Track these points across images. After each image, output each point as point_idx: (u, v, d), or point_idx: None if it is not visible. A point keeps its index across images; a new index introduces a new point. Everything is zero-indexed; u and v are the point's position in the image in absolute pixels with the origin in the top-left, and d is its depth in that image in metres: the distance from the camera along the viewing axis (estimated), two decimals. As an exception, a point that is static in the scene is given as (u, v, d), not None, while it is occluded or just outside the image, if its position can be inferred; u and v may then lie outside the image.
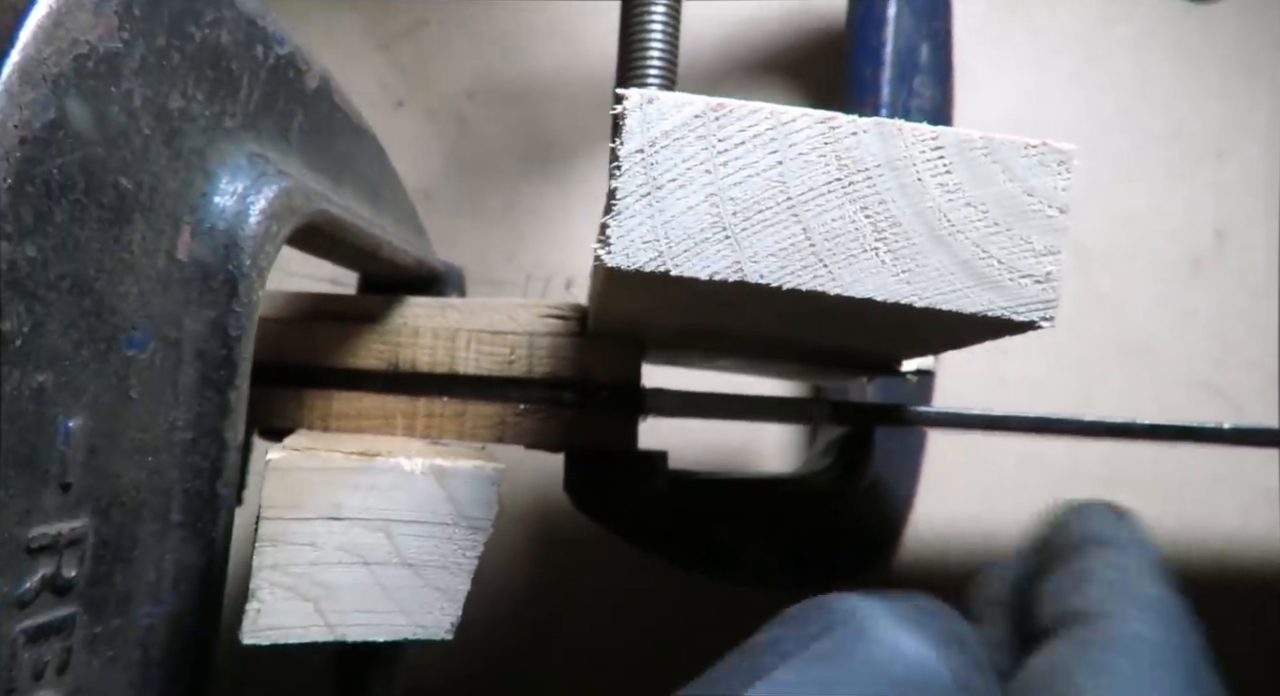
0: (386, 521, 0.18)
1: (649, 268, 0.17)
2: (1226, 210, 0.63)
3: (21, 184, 0.14)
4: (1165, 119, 0.64)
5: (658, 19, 0.35)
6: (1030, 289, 0.17)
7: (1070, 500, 0.31)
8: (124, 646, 0.17)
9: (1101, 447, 0.59)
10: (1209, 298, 0.61)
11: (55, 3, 0.15)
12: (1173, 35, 0.66)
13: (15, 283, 0.14)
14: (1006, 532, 0.59)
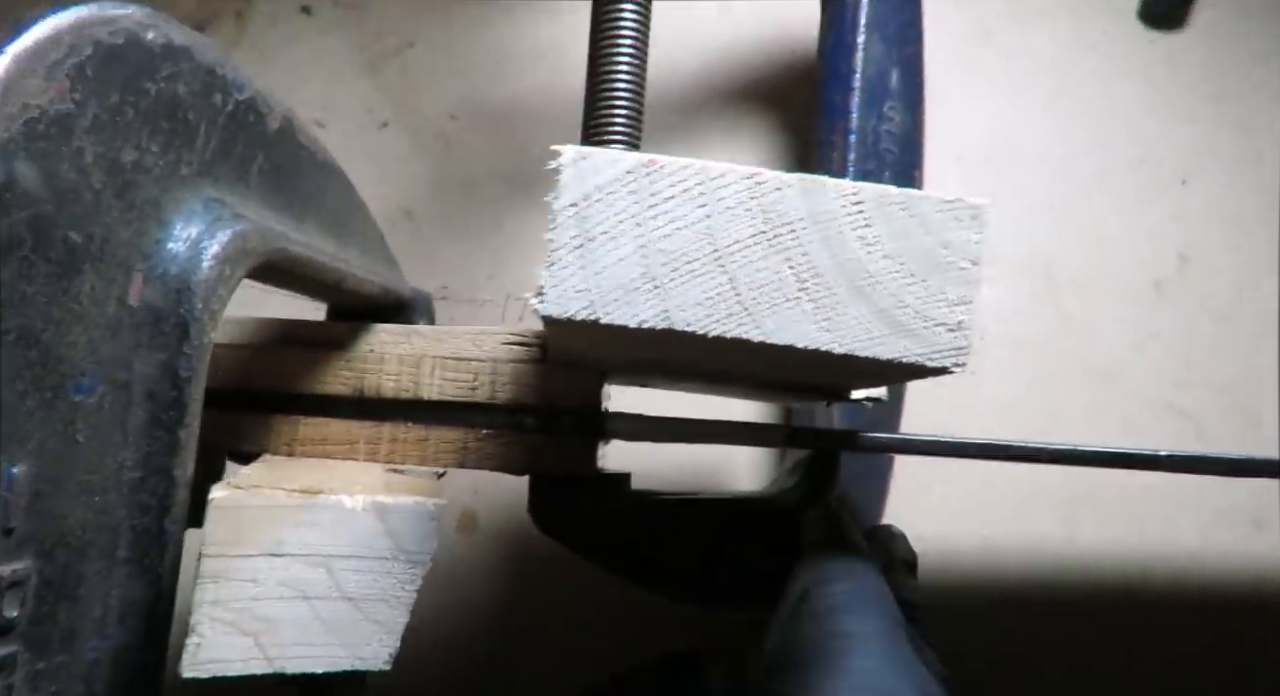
0: (327, 557, 0.19)
1: (580, 316, 0.18)
2: (1190, 234, 0.64)
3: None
4: (1132, 145, 0.65)
5: (623, 72, 0.36)
6: (944, 336, 0.18)
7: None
8: (68, 681, 0.18)
9: (1063, 474, 0.60)
10: (1172, 320, 0.62)
11: (5, 71, 0.15)
12: (1140, 64, 0.67)
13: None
14: (972, 549, 0.60)
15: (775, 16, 0.69)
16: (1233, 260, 0.63)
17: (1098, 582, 0.59)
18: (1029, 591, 0.60)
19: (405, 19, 0.71)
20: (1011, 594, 0.59)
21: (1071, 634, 0.59)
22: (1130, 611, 0.59)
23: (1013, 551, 0.60)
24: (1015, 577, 0.60)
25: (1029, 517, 0.60)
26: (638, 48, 0.36)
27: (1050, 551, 0.60)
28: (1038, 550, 0.60)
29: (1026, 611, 0.59)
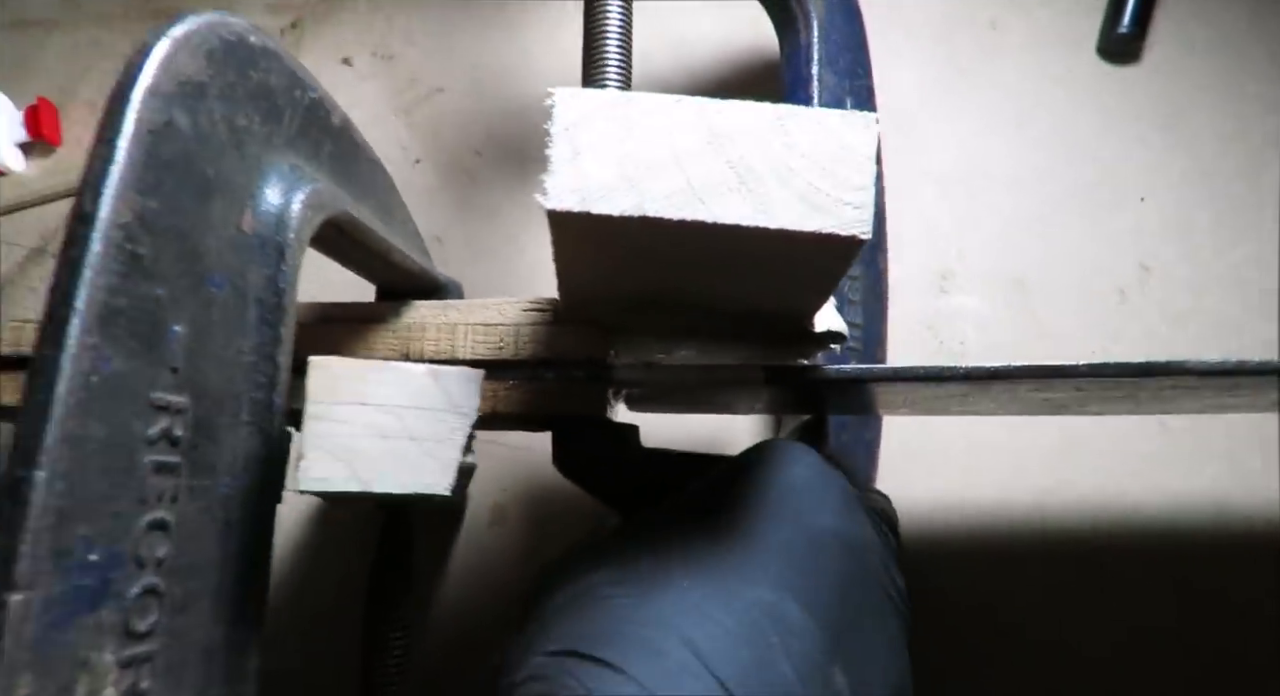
0: (397, 406, 0.24)
1: (575, 208, 0.24)
2: (1149, 246, 0.69)
3: (148, 159, 0.21)
4: (1093, 167, 0.72)
5: (612, 62, 0.42)
6: (850, 212, 0.24)
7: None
8: (210, 504, 0.24)
9: (1046, 438, 0.64)
10: (1135, 325, 0.67)
11: (167, 47, 0.22)
12: (1097, 94, 0.74)
13: (144, 222, 0.21)
14: (958, 513, 0.63)
15: (748, 37, 0.77)
16: (1188, 269, 0.68)
17: (1073, 542, 0.63)
18: (1010, 551, 0.63)
19: (434, 68, 0.79)
20: (993, 554, 0.63)
21: (1048, 589, 0.62)
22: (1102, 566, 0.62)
23: (993, 515, 0.64)
24: (997, 539, 0.63)
25: (1010, 488, 0.64)
26: (624, 43, 0.43)
27: (1030, 516, 0.63)
28: (1018, 515, 0.64)
29: (1006, 569, 0.62)
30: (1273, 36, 0.75)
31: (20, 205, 0.77)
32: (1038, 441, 0.64)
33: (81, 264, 0.19)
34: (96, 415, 0.19)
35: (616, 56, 0.44)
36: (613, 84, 0.44)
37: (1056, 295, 0.68)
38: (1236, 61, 0.74)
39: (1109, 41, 0.74)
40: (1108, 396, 0.39)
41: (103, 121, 0.20)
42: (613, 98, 0.24)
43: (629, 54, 0.45)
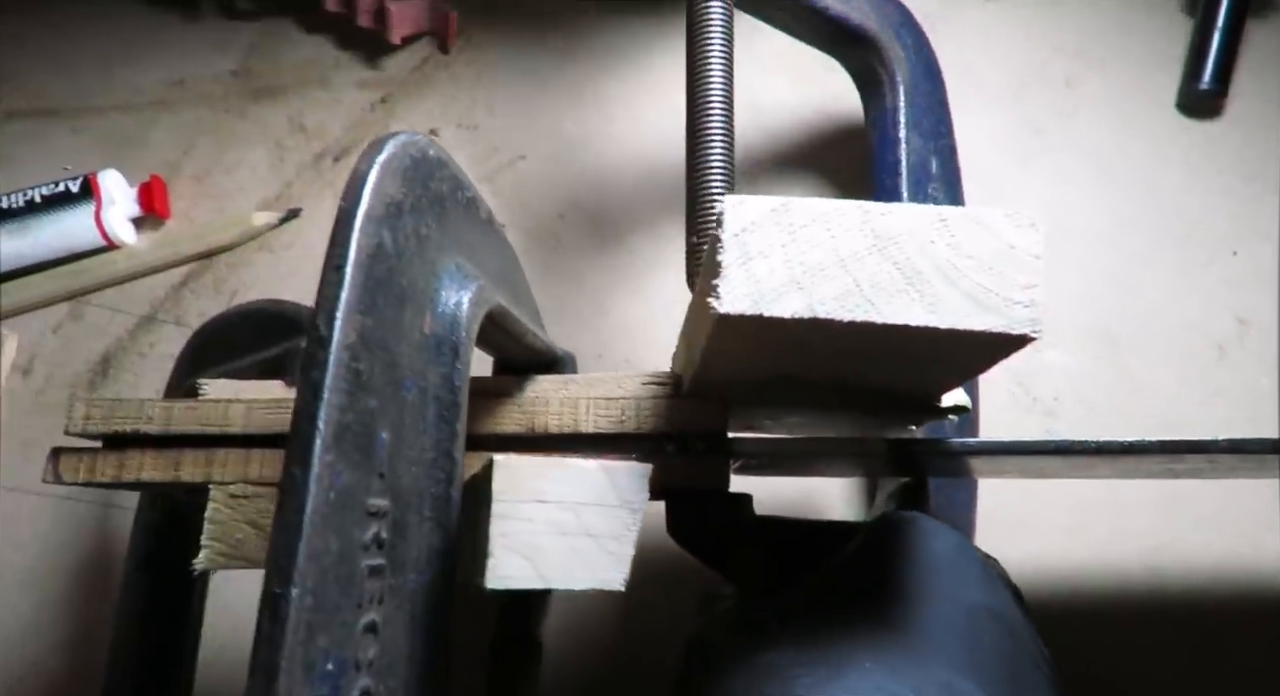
0: (574, 503, 0.25)
1: (748, 312, 0.24)
2: (1245, 300, 0.68)
3: (366, 280, 0.23)
4: (1178, 222, 0.71)
5: (717, 137, 0.44)
6: (1020, 311, 0.24)
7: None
8: (402, 601, 0.25)
9: (1147, 504, 0.62)
10: (1234, 380, 0.66)
11: (377, 174, 0.24)
12: (1180, 149, 0.73)
13: (363, 339, 0.22)
14: (1056, 586, 0.62)
15: (821, 101, 0.78)
16: None
17: (1182, 612, 0.61)
18: (1116, 620, 0.61)
19: (516, 136, 0.82)
20: (1098, 622, 0.61)
21: (1156, 659, 0.60)
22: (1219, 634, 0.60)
23: (1098, 582, 0.62)
24: (1102, 607, 0.62)
25: (1114, 551, 0.62)
26: (726, 117, 0.45)
27: (1137, 582, 0.62)
28: (1124, 581, 0.62)
29: (1113, 639, 0.60)
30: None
31: (132, 276, 0.81)
32: (1141, 497, 0.62)
33: (321, 386, 0.20)
34: (333, 528, 0.20)
35: (720, 128, 0.45)
36: (718, 156, 0.45)
37: (1150, 350, 0.67)
38: (1323, 113, 0.74)
39: (1189, 97, 0.74)
40: (1241, 467, 0.39)
41: (331, 249, 0.22)
42: (777, 204, 0.25)
43: (731, 125, 0.46)
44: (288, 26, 0.90)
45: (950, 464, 0.43)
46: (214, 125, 0.88)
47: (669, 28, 0.85)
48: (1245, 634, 0.59)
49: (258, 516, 0.40)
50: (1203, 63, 0.73)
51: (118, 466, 0.40)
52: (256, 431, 0.40)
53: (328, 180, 0.85)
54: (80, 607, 0.70)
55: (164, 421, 0.41)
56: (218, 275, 0.82)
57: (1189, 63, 0.74)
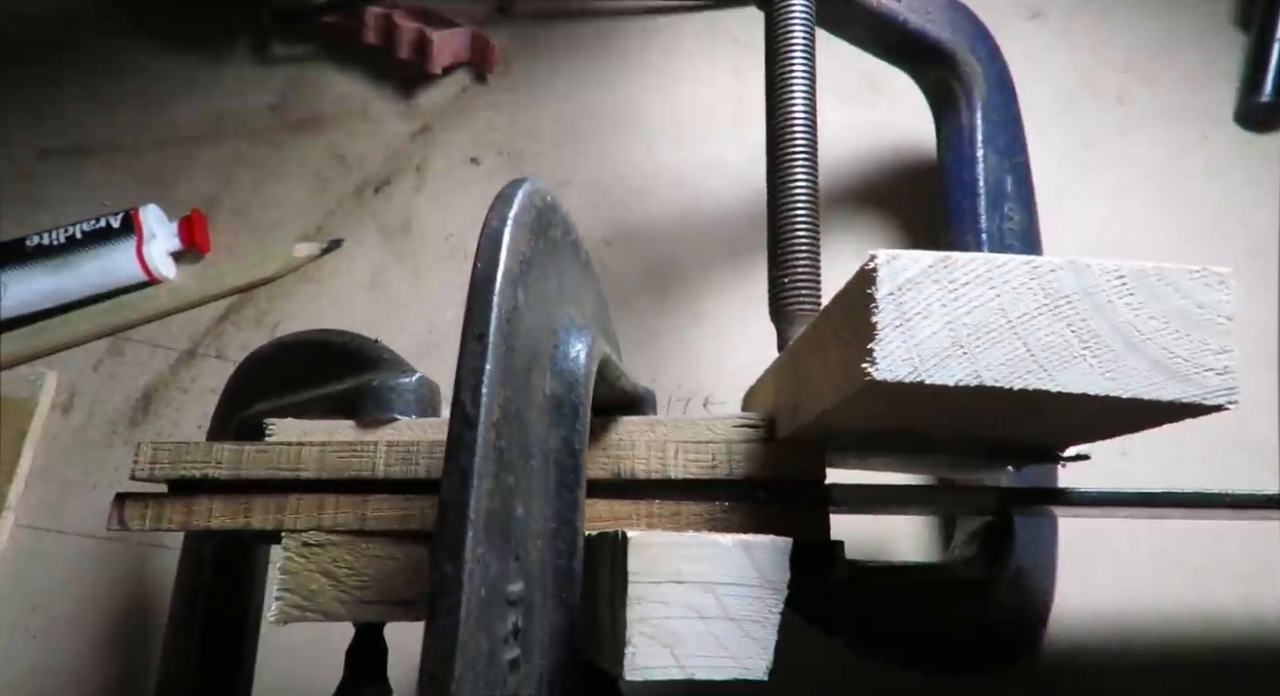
0: (713, 584, 0.23)
1: (908, 379, 0.22)
2: None
3: (507, 348, 0.20)
4: (1244, 236, 0.69)
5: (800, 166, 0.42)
6: (1213, 379, 0.22)
7: None
8: (529, 685, 0.22)
9: (1235, 539, 0.59)
10: None
11: (512, 229, 0.22)
12: (1240, 162, 0.71)
13: (505, 415, 0.20)
14: (1145, 625, 0.59)
15: (882, 134, 0.76)
16: None
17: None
18: (1207, 663, 0.58)
19: (559, 162, 0.80)
20: (1190, 666, 0.58)
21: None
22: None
23: (1187, 622, 0.60)
24: (1192, 648, 0.59)
25: (1203, 588, 0.60)
26: (810, 144, 0.43)
27: (1229, 623, 0.59)
28: (1216, 621, 0.59)
29: (1204, 683, 0.58)
30: None
31: (173, 310, 0.80)
32: (1223, 536, 0.60)
33: (470, 472, 0.18)
34: (484, 628, 0.18)
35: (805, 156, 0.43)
36: (802, 187, 0.43)
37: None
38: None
39: (1249, 110, 0.72)
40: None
41: (470, 314, 0.20)
42: (935, 259, 0.23)
43: (815, 152, 0.44)
44: (325, 60, 0.89)
45: (1046, 507, 0.41)
46: (253, 158, 0.86)
47: (719, 48, 0.83)
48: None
49: (332, 565, 0.37)
50: (1262, 75, 0.71)
51: (185, 512, 0.38)
52: (330, 476, 0.38)
53: (370, 210, 0.83)
54: (124, 649, 0.67)
55: (234, 465, 0.39)
56: (259, 307, 0.80)
57: (1246, 76, 0.72)
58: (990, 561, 0.51)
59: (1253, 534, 0.59)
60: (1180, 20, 0.78)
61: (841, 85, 0.79)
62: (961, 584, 0.49)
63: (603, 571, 0.25)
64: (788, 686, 0.60)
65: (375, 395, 0.40)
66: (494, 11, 0.90)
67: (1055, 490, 0.36)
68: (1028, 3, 0.82)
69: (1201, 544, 0.59)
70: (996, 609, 0.51)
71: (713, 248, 0.76)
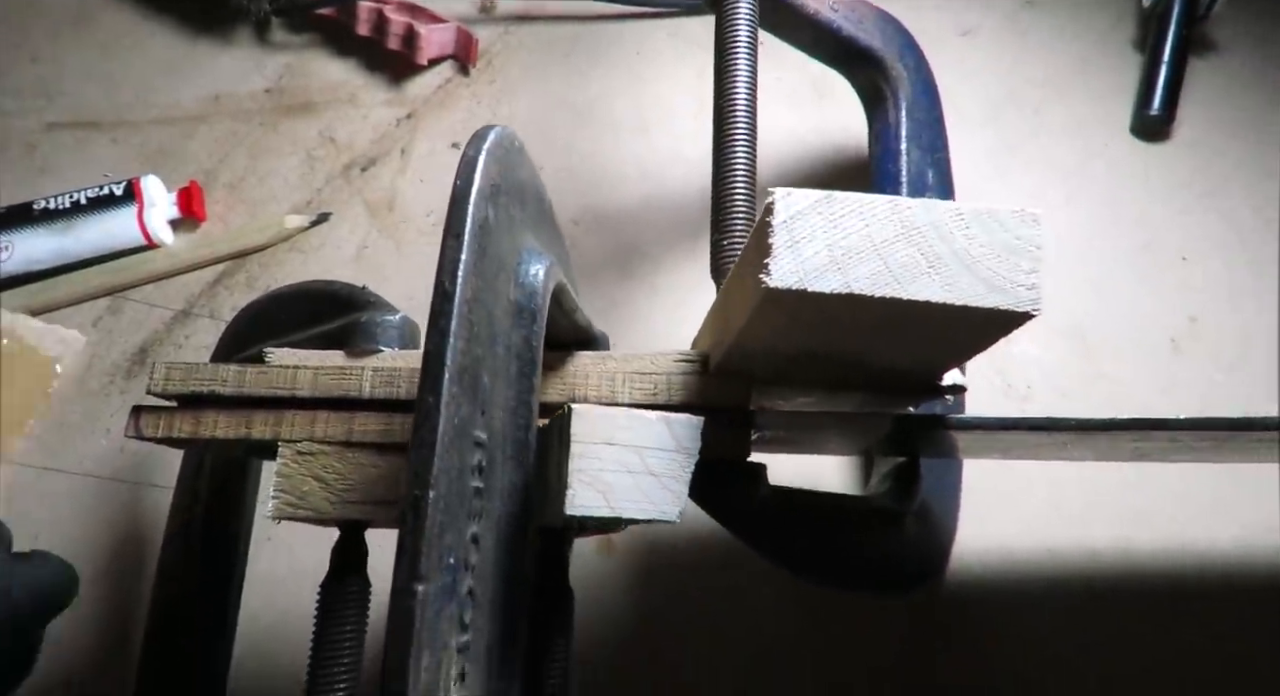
0: (639, 447, 0.28)
1: (795, 287, 0.28)
2: (1197, 301, 0.73)
3: (477, 247, 0.25)
4: (1138, 233, 0.76)
5: (741, 147, 0.47)
6: (1024, 293, 0.27)
7: None
8: (492, 524, 0.27)
9: (1111, 486, 0.66)
10: (1189, 371, 0.70)
11: (485, 158, 0.26)
12: (1138, 169, 0.78)
13: (475, 297, 0.25)
14: (1038, 558, 0.65)
15: (826, 133, 0.82)
16: (1233, 322, 0.72)
17: (1148, 587, 0.64)
18: (1081, 594, 0.65)
19: (534, 150, 0.84)
20: (1067, 595, 0.65)
21: (1126, 633, 0.64)
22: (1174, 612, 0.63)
23: (1067, 559, 0.66)
24: (1070, 581, 0.65)
25: (1082, 530, 0.66)
26: (750, 129, 0.48)
27: (1101, 559, 0.65)
28: (1092, 557, 0.66)
29: (1082, 613, 0.64)
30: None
31: (170, 273, 0.83)
32: (1113, 478, 0.66)
33: (448, 332, 0.23)
34: (455, 449, 0.23)
35: (745, 138, 0.48)
36: (742, 164, 0.48)
37: (1113, 346, 0.71)
38: (1259, 139, 0.79)
39: (1142, 122, 0.79)
40: (1198, 447, 0.42)
41: (450, 219, 0.25)
42: (820, 196, 0.28)
43: (754, 137, 0.49)
44: (319, 49, 0.93)
45: (944, 440, 0.46)
46: (248, 137, 0.90)
47: (684, 51, 0.88)
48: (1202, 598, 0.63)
49: (322, 471, 0.42)
50: (1152, 92, 0.78)
51: (194, 423, 0.43)
52: (322, 395, 0.42)
53: (356, 187, 0.87)
54: (118, 579, 0.71)
55: (237, 384, 0.43)
56: (251, 273, 0.84)
57: (1140, 93, 0.80)
58: (899, 497, 0.57)
59: (1126, 482, 0.66)
60: (1090, 42, 0.86)
61: (793, 91, 0.85)
62: (874, 514, 0.55)
63: (552, 442, 0.30)
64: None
65: (364, 329, 0.44)
66: (478, 11, 0.94)
67: (938, 416, 0.41)
68: (959, 23, 0.89)
69: (1083, 491, 0.66)
70: (904, 539, 0.56)
71: (672, 231, 0.81)
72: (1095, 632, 0.63)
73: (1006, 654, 0.63)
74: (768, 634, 0.65)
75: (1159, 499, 0.66)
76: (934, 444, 0.49)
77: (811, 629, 0.64)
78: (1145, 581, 0.65)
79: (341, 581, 0.43)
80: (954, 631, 0.64)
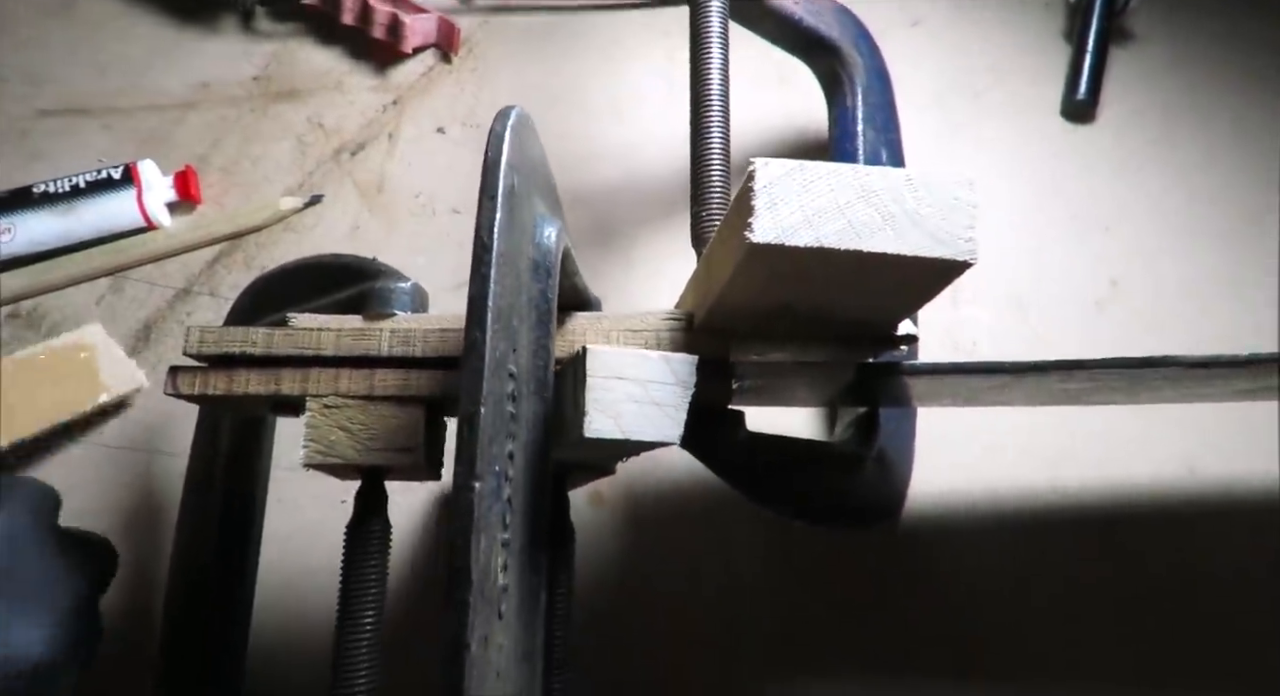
0: (643, 381, 0.32)
1: (774, 241, 0.32)
2: (1116, 267, 0.79)
3: (507, 208, 0.29)
4: (1065, 206, 0.82)
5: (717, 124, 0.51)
6: (964, 245, 0.32)
7: None
8: (520, 446, 0.31)
9: (1048, 427, 0.72)
10: (1112, 330, 0.76)
11: (510, 135, 0.30)
12: (1066, 147, 0.84)
13: (505, 254, 0.29)
14: (986, 502, 0.71)
15: (790, 116, 0.86)
16: (1151, 284, 0.78)
17: (1077, 518, 0.71)
18: (1022, 530, 0.71)
19: (519, 136, 0.88)
20: (1009, 531, 0.71)
21: (1059, 560, 0.70)
22: (1112, 539, 0.70)
23: (1007, 497, 0.72)
24: (1011, 519, 0.71)
25: (1022, 471, 0.72)
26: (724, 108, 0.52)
27: (1039, 497, 0.72)
28: (1029, 496, 0.72)
29: (1021, 545, 0.70)
30: (1203, 104, 0.86)
31: (169, 253, 0.84)
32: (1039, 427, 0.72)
33: (489, 279, 0.26)
34: (497, 376, 0.26)
35: (719, 116, 0.52)
36: (718, 139, 0.52)
37: (1046, 307, 0.77)
38: (1174, 121, 0.85)
39: (1069, 106, 0.85)
40: (1113, 387, 0.48)
41: (484, 183, 0.28)
42: (794, 165, 0.32)
43: (728, 115, 0.53)
44: (306, 38, 0.94)
45: (900, 386, 0.51)
46: (238, 123, 0.91)
47: (654, 39, 0.92)
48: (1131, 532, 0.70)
49: (348, 422, 0.45)
50: (1078, 79, 0.84)
51: (228, 381, 0.46)
52: (345, 354, 0.46)
53: (346, 170, 0.89)
54: (137, 537, 0.73)
55: (266, 345, 0.46)
56: (248, 253, 0.86)
57: (1068, 79, 0.85)
58: (861, 443, 0.62)
59: (1061, 424, 0.72)
60: (1025, 32, 0.91)
61: (759, 77, 0.89)
62: (839, 457, 0.60)
63: (567, 381, 0.34)
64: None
65: (379, 295, 0.47)
66: (459, 2, 0.96)
67: (894, 363, 0.46)
68: (909, 14, 0.94)
69: (1021, 435, 0.72)
70: (866, 479, 0.62)
71: (646, 208, 0.85)
72: (1033, 563, 0.69)
73: (960, 585, 0.69)
74: (745, 573, 0.70)
75: (1085, 440, 0.72)
76: (891, 391, 0.54)
77: (784, 567, 0.70)
78: (1076, 513, 0.71)
79: (365, 522, 0.46)
80: (912, 566, 0.69)
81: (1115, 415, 0.72)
